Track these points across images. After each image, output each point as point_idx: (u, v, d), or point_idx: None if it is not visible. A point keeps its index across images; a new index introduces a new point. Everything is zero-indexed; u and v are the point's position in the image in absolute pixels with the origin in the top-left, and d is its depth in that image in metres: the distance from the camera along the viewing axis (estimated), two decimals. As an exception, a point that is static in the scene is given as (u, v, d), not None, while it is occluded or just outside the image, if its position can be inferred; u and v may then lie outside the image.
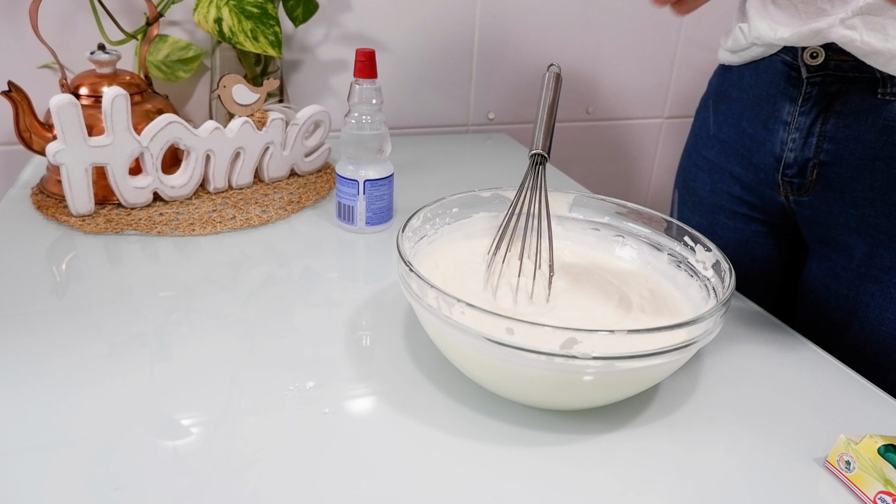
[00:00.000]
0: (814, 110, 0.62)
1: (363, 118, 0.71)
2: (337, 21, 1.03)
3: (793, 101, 0.64)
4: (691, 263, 0.55)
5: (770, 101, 0.66)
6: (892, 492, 0.40)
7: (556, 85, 0.57)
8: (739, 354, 0.57)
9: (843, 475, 0.43)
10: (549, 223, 0.54)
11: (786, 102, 0.64)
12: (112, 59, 0.78)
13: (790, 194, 0.66)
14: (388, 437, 0.46)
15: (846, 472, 0.43)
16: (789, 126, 0.64)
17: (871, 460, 0.41)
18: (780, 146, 0.65)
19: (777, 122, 0.65)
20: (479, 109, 1.16)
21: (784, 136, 0.65)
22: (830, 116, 0.61)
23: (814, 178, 0.63)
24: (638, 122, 1.28)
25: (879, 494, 0.41)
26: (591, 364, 0.42)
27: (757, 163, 0.68)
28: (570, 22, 1.14)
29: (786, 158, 0.65)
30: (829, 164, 0.62)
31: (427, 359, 0.54)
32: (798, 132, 0.63)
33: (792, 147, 0.64)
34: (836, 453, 0.44)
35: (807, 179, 0.64)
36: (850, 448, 0.43)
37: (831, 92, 0.61)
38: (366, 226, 0.74)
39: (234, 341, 0.55)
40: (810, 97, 0.62)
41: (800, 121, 0.63)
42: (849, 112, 0.60)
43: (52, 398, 0.47)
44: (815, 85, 0.62)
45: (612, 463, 0.45)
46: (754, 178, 0.69)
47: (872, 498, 0.41)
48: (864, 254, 0.62)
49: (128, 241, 0.70)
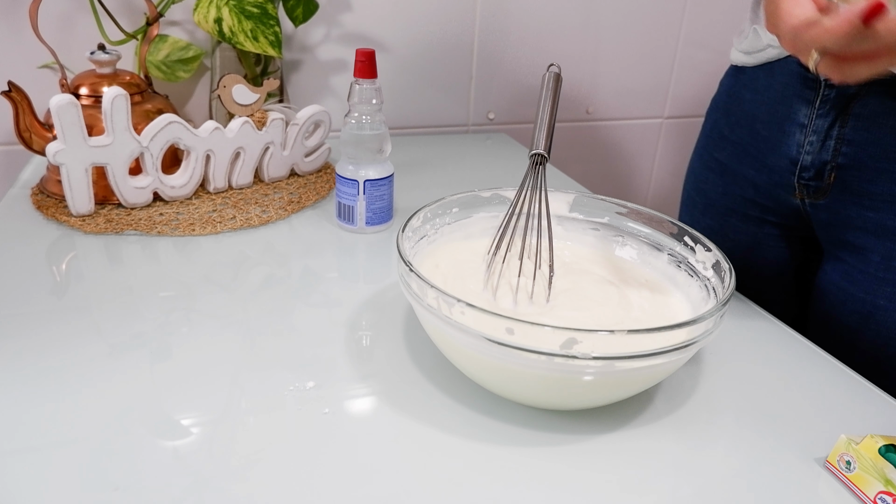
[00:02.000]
0: (831, 113, 0.61)
1: (363, 118, 0.71)
2: (337, 21, 1.03)
3: (809, 103, 0.63)
4: (691, 263, 0.55)
5: (785, 103, 0.65)
6: (892, 492, 0.40)
7: (556, 85, 0.57)
8: (739, 354, 0.57)
9: (843, 475, 0.43)
10: (549, 223, 0.54)
11: (802, 105, 0.64)
12: (112, 59, 0.78)
13: (806, 197, 0.66)
14: (387, 437, 0.46)
15: (846, 472, 0.43)
16: (806, 129, 0.63)
17: (872, 460, 0.41)
18: (795, 149, 0.65)
19: (793, 125, 0.65)
20: (479, 109, 1.16)
21: (800, 138, 0.64)
22: (849, 119, 0.60)
23: (831, 181, 0.63)
24: (638, 122, 1.28)
25: (880, 494, 0.41)
26: (591, 364, 0.42)
27: (771, 165, 0.68)
28: (570, 22, 1.14)
29: (802, 161, 0.64)
30: (846, 167, 0.62)
31: (427, 359, 0.54)
32: (815, 135, 0.63)
33: (809, 150, 0.63)
34: (836, 453, 0.44)
35: (824, 182, 0.63)
36: (851, 448, 0.43)
37: (849, 94, 0.60)
38: (366, 226, 0.74)
39: (234, 341, 0.55)
40: (828, 100, 0.61)
41: (817, 123, 0.62)
42: (867, 115, 0.60)
43: (52, 398, 0.47)
44: (833, 87, 0.61)
45: (612, 463, 0.45)
46: (768, 180, 0.69)
47: (873, 498, 0.41)
48: (881, 257, 0.61)
49: (128, 241, 0.70)
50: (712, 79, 0.83)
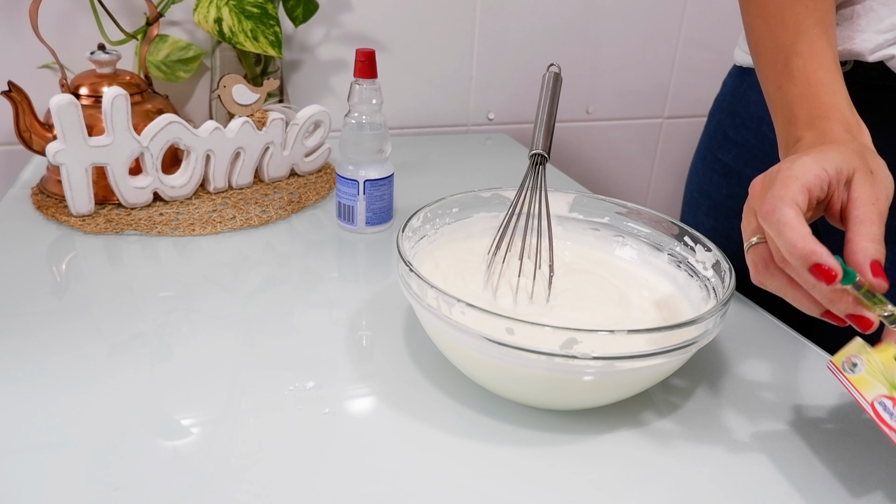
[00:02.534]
0: None
1: (363, 118, 0.71)
2: (337, 21, 1.03)
3: None
4: (691, 263, 0.55)
5: None
6: (894, 397, 0.38)
7: (555, 85, 0.57)
8: (739, 354, 0.57)
9: (844, 377, 0.41)
10: (549, 223, 0.54)
11: None
12: (112, 59, 0.78)
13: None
14: (387, 437, 0.46)
15: (849, 374, 0.41)
16: None
17: (884, 364, 0.39)
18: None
19: None
20: (479, 109, 1.16)
21: None
22: None
23: None
24: (638, 122, 1.28)
25: (879, 398, 0.39)
26: (591, 364, 0.42)
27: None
28: (570, 22, 1.14)
29: None
30: None
31: (427, 359, 0.54)
32: None
33: None
34: (844, 354, 0.42)
35: None
36: (864, 350, 0.41)
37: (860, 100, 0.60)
38: (366, 226, 0.74)
39: (234, 341, 0.55)
40: None
41: None
42: (878, 121, 0.59)
43: (53, 398, 0.47)
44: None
45: (613, 463, 0.45)
46: None
47: (870, 401, 0.39)
48: (891, 262, 0.61)
49: (128, 241, 0.70)
50: (712, 79, 0.83)
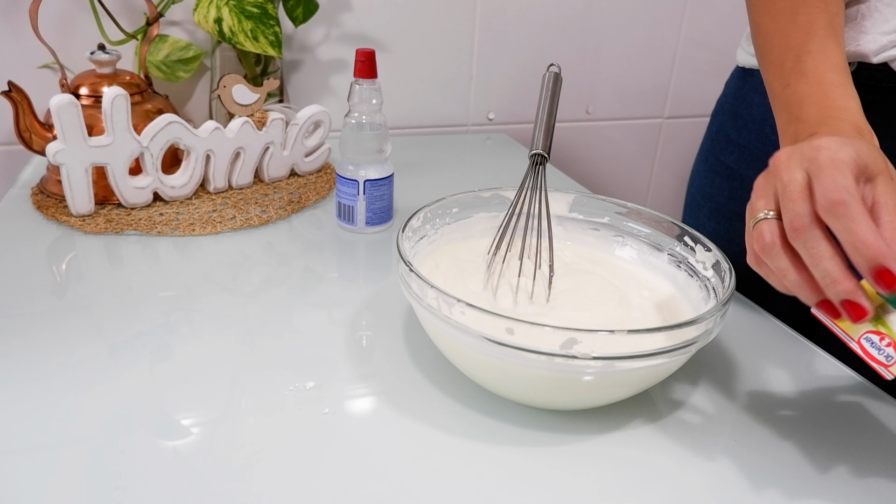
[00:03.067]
0: None
1: (363, 118, 0.71)
2: (337, 21, 1.03)
3: None
4: (691, 263, 0.55)
5: None
6: (881, 331, 0.39)
7: (555, 85, 0.57)
8: (739, 354, 0.57)
9: (830, 320, 0.41)
10: (549, 223, 0.54)
11: None
12: (112, 59, 0.78)
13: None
14: (387, 437, 0.46)
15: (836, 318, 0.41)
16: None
17: (874, 299, 0.39)
18: None
19: None
20: (479, 109, 1.16)
21: None
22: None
23: None
24: (638, 122, 1.28)
25: (866, 334, 0.39)
26: (591, 364, 0.42)
27: None
28: (570, 22, 1.14)
29: None
30: None
31: (427, 359, 0.54)
32: None
33: None
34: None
35: None
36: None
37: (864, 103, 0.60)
38: (366, 226, 0.74)
39: (234, 341, 0.55)
40: None
41: None
42: (882, 123, 0.59)
43: (53, 398, 0.47)
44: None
45: (613, 463, 0.45)
46: None
47: (857, 339, 0.40)
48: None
49: (128, 241, 0.70)
50: (712, 79, 0.83)
